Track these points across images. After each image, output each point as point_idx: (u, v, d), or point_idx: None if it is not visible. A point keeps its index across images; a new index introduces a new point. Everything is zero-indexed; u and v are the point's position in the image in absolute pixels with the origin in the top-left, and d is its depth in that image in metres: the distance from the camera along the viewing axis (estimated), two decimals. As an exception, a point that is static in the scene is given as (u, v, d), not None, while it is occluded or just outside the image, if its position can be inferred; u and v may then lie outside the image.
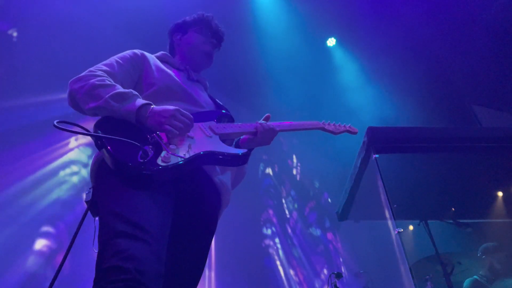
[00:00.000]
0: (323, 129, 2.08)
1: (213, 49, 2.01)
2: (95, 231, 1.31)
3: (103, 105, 1.42)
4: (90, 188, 1.45)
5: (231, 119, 1.83)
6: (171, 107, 1.45)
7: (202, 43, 1.96)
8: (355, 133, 2.20)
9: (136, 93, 1.51)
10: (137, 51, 1.81)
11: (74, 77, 1.54)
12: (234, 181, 1.89)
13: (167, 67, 1.85)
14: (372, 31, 6.03)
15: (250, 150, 1.74)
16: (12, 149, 3.83)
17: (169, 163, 1.33)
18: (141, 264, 1.13)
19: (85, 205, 1.42)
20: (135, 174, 1.28)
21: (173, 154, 1.36)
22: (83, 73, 1.55)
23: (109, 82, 1.51)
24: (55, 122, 1.26)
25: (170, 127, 1.40)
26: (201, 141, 1.52)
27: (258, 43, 6.14)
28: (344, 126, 2.18)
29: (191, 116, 1.48)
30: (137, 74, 1.73)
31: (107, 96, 1.43)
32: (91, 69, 1.58)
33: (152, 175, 1.30)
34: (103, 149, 1.31)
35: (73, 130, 1.30)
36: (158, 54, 1.96)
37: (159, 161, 1.32)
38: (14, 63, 4.23)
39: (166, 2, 5.13)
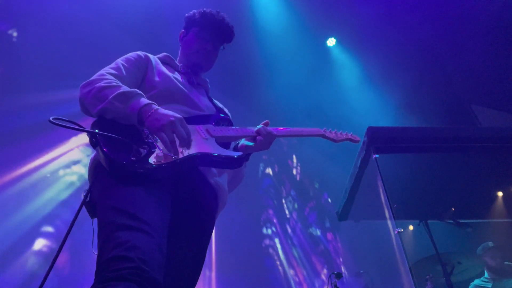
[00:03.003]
0: (324, 136, 2.03)
1: (206, 56, 1.94)
2: (93, 233, 1.31)
3: (108, 106, 1.42)
4: (86, 190, 1.45)
5: (230, 123, 1.82)
6: (175, 116, 1.40)
7: (195, 52, 1.91)
8: (357, 141, 2.15)
9: (140, 92, 1.50)
10: (140, 53, 1.81)
11: (84, 82, 1.53)
12: (232, 184, 1.88)
13: (169, 70, 1.84)
14: (372, 31, 6.03)
15: (247, 154, 1.72)
16: (12, 149, 3.83)
17: (161, 162, 1.34)
18: (143, 253, 1.13)
19: (84, 206, 1.42)
20: (128, 172, 1.29)
21: (167, 154, 1.37)
22: (92, 77, 1.54)
23: (115, 84, 1.50)
24: (50, 118, 1.26)
25: (165, 136, 1.35)
26: (196, 142, 1.52)
27: (258, 43, 6.14)
28: (346, 134, 2.12)
29: (189, 132, 1.42)
30: (141, 76, 1.73)
31: (111, 97, 1.42)
32: (100, 72, 1.58)
33: (144, 174, 1.30)
34: (97, 147, 1.32)
35: (68, 125, 1.30)
36: (160, 55, 1.94)
37: (151, 160, 1.33)
38: (14, 63, 4.23)
39: (167, 2, 5.13)
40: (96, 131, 1.34)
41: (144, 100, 1.44)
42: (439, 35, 5.91)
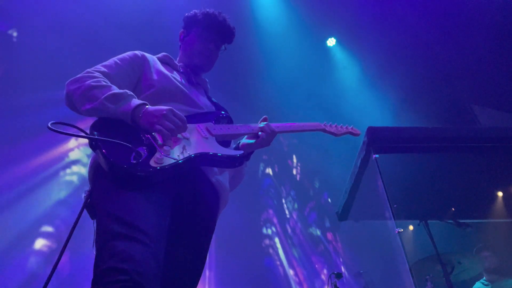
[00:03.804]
0: (324, 130, 2.04)
1: (209, 56, 1.95)
2: (94, 232, 1.31)
3: (99, 107, 1.42)
4: (86, 191, 1.45)
5: (230, 121, 1.81)
6: (165, 107, 1.45)
7: (197, 54, 1.92)
8: (357, 134, 2.15)
9: (131, 93, 1.50)
10: (138, 52, 1.80)
11: (71, 78, 1.54)
12: (232, 183, 1.88)
13: (167, 69, 1.84)
14: (372, 31, 6.03)
15: (249, 152, 1.72)
16: (13, 150, 3.83)
17: (161, 165, 1.32)
18: (139, 265, 1.12)
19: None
20: (128, 175, 1.28)
21: (166, 156, 1.35)
22: (80, 74, 1.55)
23: (104, 83, 1.50)
24: (49, 124, 1.25)
25: (161, 127, 1.39)
26: (196, 142, 1.51)
27: (258, 43, 6.15)
28: (346, 127, 2.13)
29: (184, 117, 1.47)
30: (136, 75, 1.72)
31: (102, 97, 1.43)
32: (88, 70, 1.58)
33: (145, 177, 1.29)
34: (97, 150, 1.31)
35: (67, 132, 1.29)
36: (159, 55, 1.94)
37: (151, 163, 1.31)
38: (14, 63, 4.23)
39: (166, 2, 5.14)
40: (96, 136, 1.33)
41: (136, 101, 1.46)
42: (439, 35, 5.91)
